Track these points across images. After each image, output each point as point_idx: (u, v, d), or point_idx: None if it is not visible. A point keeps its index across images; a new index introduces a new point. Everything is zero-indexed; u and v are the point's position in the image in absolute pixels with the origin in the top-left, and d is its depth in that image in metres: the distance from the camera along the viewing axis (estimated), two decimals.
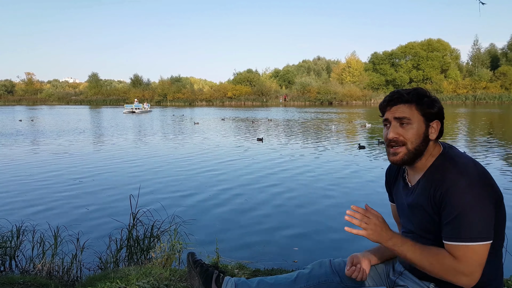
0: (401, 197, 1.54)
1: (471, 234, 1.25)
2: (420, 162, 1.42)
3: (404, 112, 1.39)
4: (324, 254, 4.27)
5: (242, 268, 3.07)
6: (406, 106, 1.39)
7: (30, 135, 18.46)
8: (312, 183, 7.91)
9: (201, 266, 1.69)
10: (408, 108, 1.39)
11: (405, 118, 1.39)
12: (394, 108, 1.41)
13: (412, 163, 1.42)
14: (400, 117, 1.39)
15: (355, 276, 1.56)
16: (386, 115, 1.44)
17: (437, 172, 1.36)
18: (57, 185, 7.86)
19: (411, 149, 1.38)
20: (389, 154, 1.44)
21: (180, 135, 18.25)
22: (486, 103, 61.76)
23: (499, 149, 12.36)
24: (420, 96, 1.40)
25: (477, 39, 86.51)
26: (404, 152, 1.39)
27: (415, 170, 1.46)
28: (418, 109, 1.39)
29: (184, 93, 73.28)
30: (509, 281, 2.60)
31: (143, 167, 9.89)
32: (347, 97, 65.69)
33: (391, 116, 1.41)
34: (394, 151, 1.41)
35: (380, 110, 1.48)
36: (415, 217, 1.44)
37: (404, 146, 1.39)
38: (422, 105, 1.39)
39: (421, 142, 1.38)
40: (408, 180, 1.51)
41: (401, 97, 1.40)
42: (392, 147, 1.41)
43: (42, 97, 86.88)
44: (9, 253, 3.77)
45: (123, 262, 3.62)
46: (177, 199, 6.70)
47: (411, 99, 1.39)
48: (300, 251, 4.46)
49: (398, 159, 1.41)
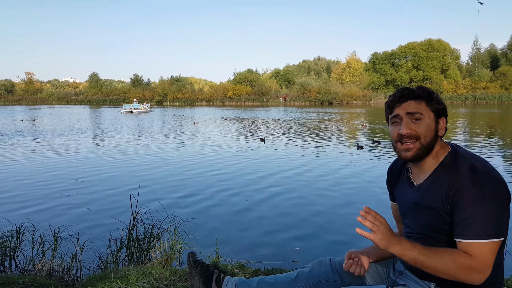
0: (405, 196, 1.53)
1: (487, 231, 1.25)
2: (428, 160, 1.42)
3: (416, 107, 1.39)
4: (324, 254, 4.27)
5: (242, 268, 3.07)
6: (416, 102, 1.40)
7: (31, 135, 18.45)
8: (312, 184, 7.91)
9: (202, 266, 1.69)
10: (419, 104, 1.40)
11: (417, 113, 1.39)
12: (404, 104, 1.41)
13: (422, 159, 1.41)
14: (412, 112, 1.39)
15: (352, 270, 1.55)
16: (396, 111, 1.43)
17: (449, 171, 1.36)
18: (56, 185, 7.85)
19: (424, 144, 1.38)
20: (400, 151, 1.42)
21: (181, 135, 18.24)
22: (486, 103, 61.76)
23: (499, 149, 12.36)
24: (429, 92, 1.42)
25: (477, 39, 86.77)
26: (418, 147, 1.39)
27: (421, 169, 1.45)
28: (428, 105, 1.40)
29: (184, 93, 73.27)
30: (508, 281, 2.60)
31: (143, 167, 9.89)
32: (347, 97, 65.69)
33: (403, 112, 1.41)
34: (406, 146, 1.40)
35: (389, 106, 1.46)
36: (421, 216, 1.43)
37: (417, 141, 1.38)
38: (432, 101, 1.40)
39: (433, 137, 1.39)
40: (413, 179, 1.50)
41: (411, 93, 1.41)
42: (404, 143, 1.40)
43: (42, 97, 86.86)
44: (9, 253, 3.76)
45: (123, 262, 3.62)
46: (177, 199, 6.70)
47: (421, 95, 1.40)
48: (300, 251, 4.46)
49: (412, 154, 1.40)
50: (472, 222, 1.27)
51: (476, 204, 1.26)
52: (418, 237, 1.44)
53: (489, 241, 1.26)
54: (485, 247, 1.26)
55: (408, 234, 1.51)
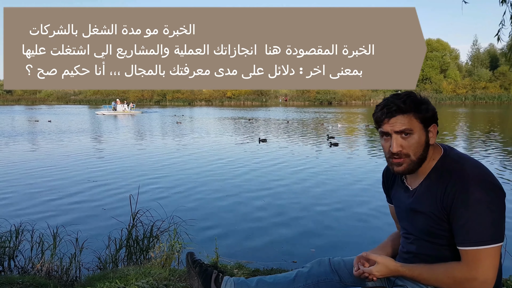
0: (400, 200, 1.52)
1: (486, 237, 1.24)
2: (422, 166, 1.41)
3: (404, 123, 1.34)
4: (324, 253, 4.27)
5: (241, 268, 3.06)
6: (404, 116, 1.35)
7: (39, 135, 18.44)
8: (312, 183, 7.91)
9: (200, 266, 1.69)
10: (407, 119, 1.35)
11: (406, 129, 1.35)
12: (393, 119, 1.36)
13: (415, 171, 1.41)
14: (401, 130, 1.35)
15: (363, 277, 1.54)
16: (385, 128, 1.38)
17: (443, 175, 1.35)
18: (56, 185, 7.85)
19: (415, 160, 1.37)
20: (392, 165, 1.41)
21: (181, 136, 18.24)
22: (486, 103, 61.80)
23: (496, 150, 12.37)
24: (417, 103, 1.36)
25: (476, 39, 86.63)
26: (408, 162, 1.37)
27: (415, 173, 1.44)
28: (416, 117, 1.35)
29: (184, 93, 73.28)
30: (508, 281, 2.60)
31: (143, 167, 9.89)
32: (347, 97, 65.78)
33: (391, 130, 1.37)
34: (398, 161, 1.39)
35: (376, 122, 1.42)
36: (417, 221, 1.42)
37: (407, 158, 1.37)
38: (420, 113, 1.36)
39: (423, 150, 1.37)
40: (408, 183, 1.50)
41: (399, 109, 1.35)
42: (395, 159, 1.39)
43: (41, 97, 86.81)
44: (8, 253, 3.76)
45: (122, 262, 3.62)
46: (177, 199, 6.70)
47: (409, 108, 1.35)
48: (300, 250, 4.46)
49: (403, 169, 1.39)
50: (470, 229, 1.26)
51: (472, 210, 1.25)
52: (415, 240, 1.44)
53: (485, 248, 1.25)
54: (482, 254, 1.25)
55: (406, 236, 1.51)
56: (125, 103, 42.47)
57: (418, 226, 1.43)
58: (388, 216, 1.68)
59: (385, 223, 5.25)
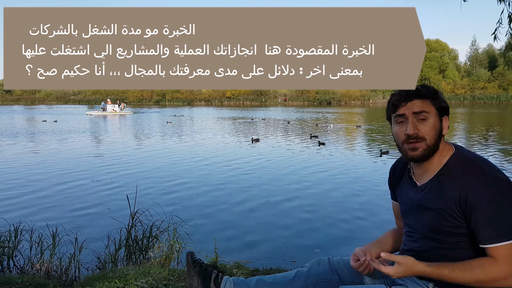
0: (407, 197, 1.52)
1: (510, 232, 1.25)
2: (432, 160, 1.41)
3: (422, 106, 1.38)
4: (323, 253, 4.27)
5: (240, 267, 3.06)
6: (422, 101, 1.38)
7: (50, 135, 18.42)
8: (311, 183, 7.91)
9: (200, 265, 1.69)
10: (424, 103, 1.38)
11: (423, 112, 1.37)
12: (410, 103, 1.39)
13: (429, 158, 1.40)
14: (419, 111, 1.38)
15: (361, 270, 1.53)
16: (401, 110, 1.40)
17: (456, 172, 1.35)
18: (55, 185, 7.84)
19: (430, 144, 1.38)
20: (406, 150, 1.41)
21: (181, 136, 18.23)
22: (484, 103, 61.90)
23: (496, 150, 12.39)
24: (435, 91, 1.41)
25: (475, 40, 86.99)
26: (424, 147, 1.38)
27: (424, 169, 1.45)
28: (433, 104, 1.39)
29: (183, 93, 73.27)
30: None
31: (142, 167, 9.88)
32: (346, 97, 65.84)
33: (409, 111, 1.39)
34: (413, 146, 1.39)
35: (393, 105, 1.43)
36: (424, 217, 1.42)
37: (423, 142, 1.38)
38: (437, 100, 1.40)
39: (438, 138, 1.39)
40: (416, 179, 1.49)
41: (417, 92, 1.39)
42: (410, 143, 1.40)
43: (41, 97, 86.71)
44: (7, 252, 3.76)
45: (121, 262, 3.62)
46: (176, 199, 6.70)
47: (427, 94, 1.39)
48: (299, 250, 4.47)
49: (419, 153, 1.38)
50: (495, 225, 1.26)
51: (493, 205, 1.26)
52: (420, 238, 1.44)
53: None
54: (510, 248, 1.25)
55: (409, 234, 1.51)
56: (118, 103, 41.28)
57: (425, 222, 1.42)
58: (386, 214, 1.68)
59: (382, 220, 5.23)
